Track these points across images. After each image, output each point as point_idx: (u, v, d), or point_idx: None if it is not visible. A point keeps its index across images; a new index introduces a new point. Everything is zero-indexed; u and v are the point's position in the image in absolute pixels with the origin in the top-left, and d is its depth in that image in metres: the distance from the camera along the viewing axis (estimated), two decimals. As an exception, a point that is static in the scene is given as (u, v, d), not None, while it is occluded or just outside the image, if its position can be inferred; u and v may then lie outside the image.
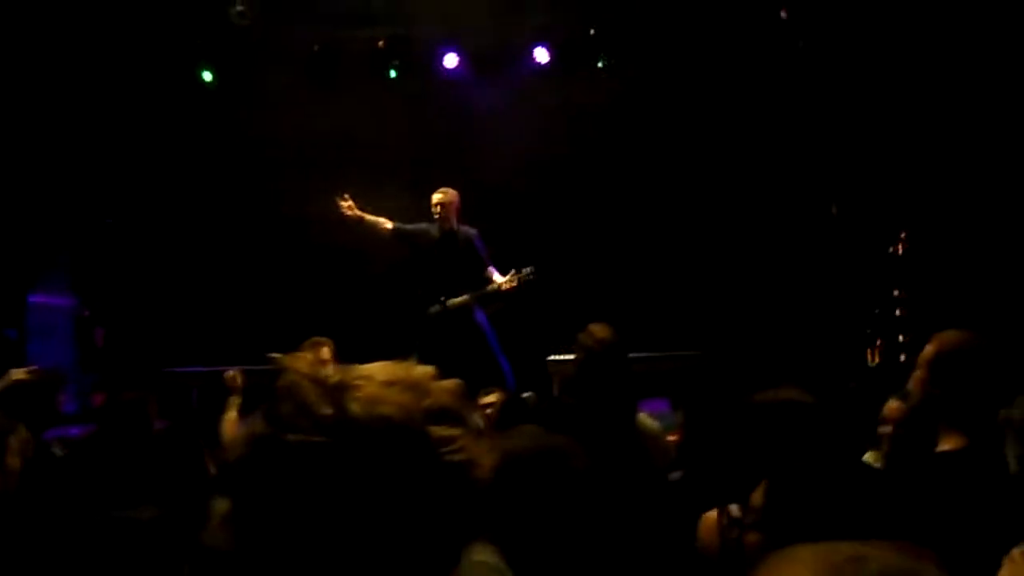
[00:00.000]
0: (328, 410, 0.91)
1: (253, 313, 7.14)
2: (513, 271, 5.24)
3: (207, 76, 7.18)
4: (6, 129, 6.14)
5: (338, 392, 0.93)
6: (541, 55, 7.32)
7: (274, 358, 0.99)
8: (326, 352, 3.99)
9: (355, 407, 0.91)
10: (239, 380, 3.92)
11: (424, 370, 0.99)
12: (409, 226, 5.50)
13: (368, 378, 0.95)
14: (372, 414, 0.91)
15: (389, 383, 0.95)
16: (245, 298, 7.24)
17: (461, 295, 5.29)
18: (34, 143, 6.31)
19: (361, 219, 5.49)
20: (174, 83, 7.11)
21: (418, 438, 0.92)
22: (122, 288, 6.74)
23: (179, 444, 2.85)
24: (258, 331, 6.86)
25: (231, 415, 3.88)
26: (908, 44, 6.17)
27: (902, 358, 5.07)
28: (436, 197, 5.42)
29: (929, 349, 2.19)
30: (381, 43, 7.22)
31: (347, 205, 5.46)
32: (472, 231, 5.45)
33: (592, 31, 7.18)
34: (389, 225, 5.51)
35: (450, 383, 1.01)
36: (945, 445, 2.11)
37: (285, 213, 7.39)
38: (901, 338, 5.09)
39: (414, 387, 0.95)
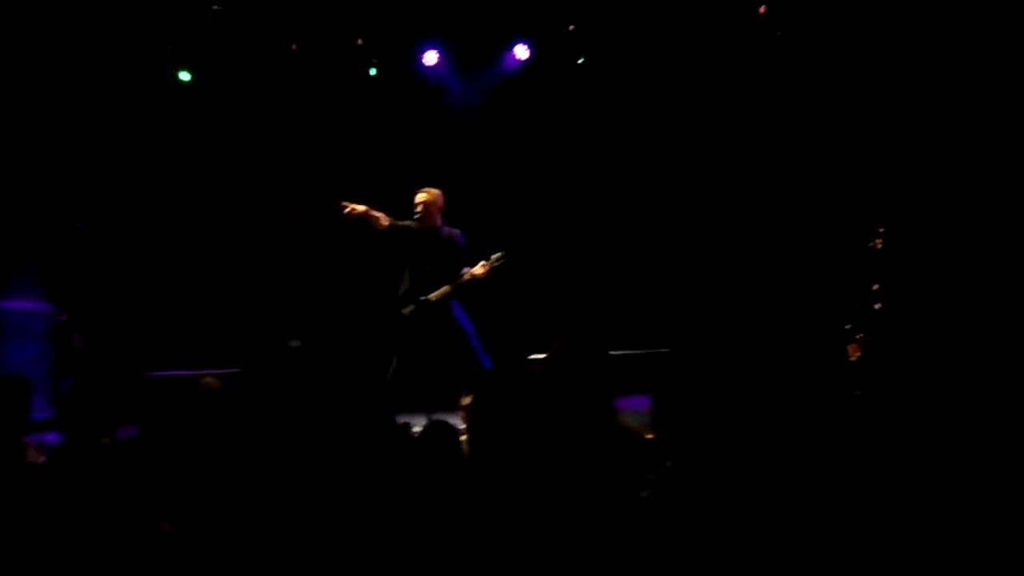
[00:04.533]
0: None
1: (228, 316, 7.08)
2: (483, 260, 5.21)
3: (184, 76, 7.11)
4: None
5: None
6: (521, 52, 7.30)
7: None
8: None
9: None
10: (215, 385, 3.86)
11: None
12: (401, 222, 5.36)
13: None
14: None
15: None
16: (220, 301, 7.18)
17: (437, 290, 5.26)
18: (2, 147, 6.24)
19: (365, 212, 5.18)
20: (149, 83, 7.03)
21: None
22: (97, 293, 6.67)
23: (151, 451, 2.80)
24: (234, 334, 6.81)
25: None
26: (887, 36, 6.19)
27: (881, 352, 5.09)
28: (419, 196, 5.35)
29: None
30: (360, 41, 7.17)
31: (347, 210, 5.21)
32: (455, 232, 5.38)
33: (572, 27, 7.16)
34: (385, 221, 5.27)
35: None
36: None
37: (261, 215, 7.35)
38: (880, 333, 5.11)
39: None
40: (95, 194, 6.93)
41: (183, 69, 7.08)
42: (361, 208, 5.20)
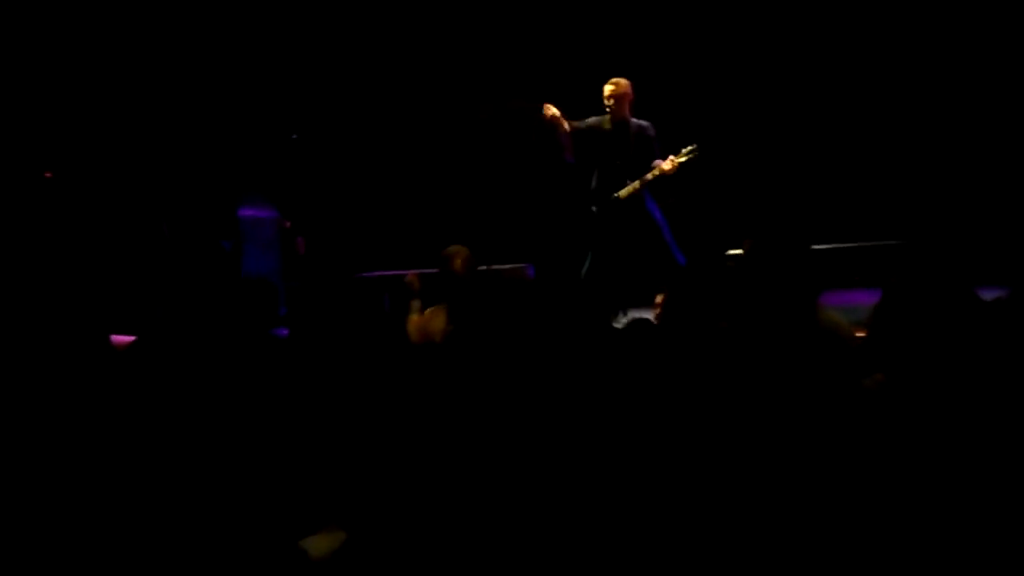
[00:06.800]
0: None
1: (431, 216, 7.38)
2: (672, 154, 5.00)
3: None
4: (202, 61, 6.65)
5: None
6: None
7: None
8: (458, 263, 4.01)
9: None
10: (416, 283, 4.10)
11: None
12: (582, 123, 5.29)
13: None
14: None
15: None
16: (423, 202, 7.50)
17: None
18: (226, 71, 6.80)
19: (559, 126, 5.20)
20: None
21: None
22: (315, 198, 7.20)
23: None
24: (436, 233, 7.11)
25: (414, 316, 4.08)
26: None
27: None
28: (607, 89, 5.23)
29: None
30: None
31: (551, 114, 5.21)
32: (647, 124, 5.21)
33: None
34: (567, 127, 5.23)
35: None
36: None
37: (458, 116, 7.50)
38: None
39: None
40: (306, 107, 7.41)
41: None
42: (559, 121, 5.16)
